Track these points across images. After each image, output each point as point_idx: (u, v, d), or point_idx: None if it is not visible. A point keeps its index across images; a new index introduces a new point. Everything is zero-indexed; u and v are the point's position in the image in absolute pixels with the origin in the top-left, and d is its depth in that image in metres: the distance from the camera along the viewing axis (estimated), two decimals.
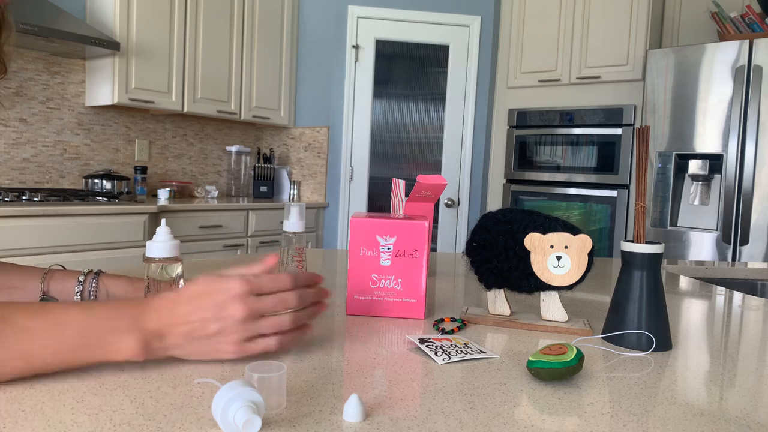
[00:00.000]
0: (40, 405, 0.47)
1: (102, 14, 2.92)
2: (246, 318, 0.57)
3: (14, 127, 2.83)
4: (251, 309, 0.57)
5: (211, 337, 0.56)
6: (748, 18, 3.04)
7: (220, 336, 0.56)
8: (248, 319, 0.57)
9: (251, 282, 0.58)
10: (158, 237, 0.65)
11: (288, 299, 0.59)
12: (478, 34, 3.74)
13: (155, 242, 0.65)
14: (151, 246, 0.65)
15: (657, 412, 0.51)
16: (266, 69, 3.68)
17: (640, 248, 0.70)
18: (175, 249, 0.66)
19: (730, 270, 1.58)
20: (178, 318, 0.56)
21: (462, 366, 0.61)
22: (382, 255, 0.79)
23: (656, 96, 2.99)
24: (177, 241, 0.66)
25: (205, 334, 0.56)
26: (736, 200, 2.78)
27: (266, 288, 0.59)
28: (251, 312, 0.57)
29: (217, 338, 0.56)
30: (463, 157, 3.80)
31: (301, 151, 3.94)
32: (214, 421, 0.45)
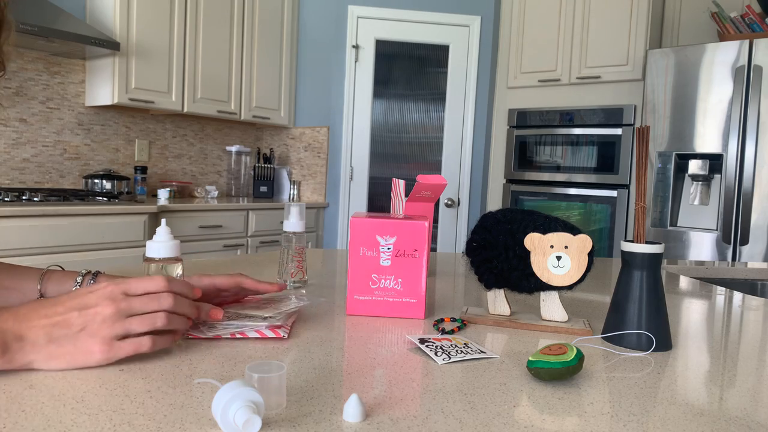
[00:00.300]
0: (40, 405, 0.47)
1: (102, 14, 2.92)
2: (114, 314, 0.53)
3: (14, 127, 2.83)
4: (119, 306, 0.53)
5: (75, 334, 0.52)
6: (748, 18, 3.04)
7: (85, 333, 0.52)
8: (116, 316, 0.53)
9: (121, 283, 0.55)
10: (158, 237, 0.65)
11: (161, 298, 0.56)
12: (478, 34, 3.74)
13: (155, 242, 0.65)
14: (151, 246, 0.64)
15: (657, 412, 0.51)
16: (266, 69, 3.68)
17: (640, 248, 0.70)
18: (175, 249, 0.65)
19: (730, 270, 1.58)
20: (39, 315, 0.52)
21: (462, 366, 0.61)
22: (382, 255, 0.79)
23: (656, 96, 2.99)
24: (177, 241, 0.66)
25: (68, 331, 0.52)
26: (736, 200, 2.78)
27: (136, 289, 0.56)
28: (119, 309, 0.53)
29: (82, 336, 0.52)
30: (463, 157, 3.80)
31: (301, 151, 3.94)
32: (214, 421, 0.45)
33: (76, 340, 0.52)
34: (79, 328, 0.52)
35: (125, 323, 0.54)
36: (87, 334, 0.52)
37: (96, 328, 0.52)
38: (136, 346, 0.55)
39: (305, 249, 1.05)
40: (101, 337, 0.52)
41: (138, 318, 0.55)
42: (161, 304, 0.56)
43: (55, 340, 0.52)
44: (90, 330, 0.52)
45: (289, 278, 0.99)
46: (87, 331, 0.52)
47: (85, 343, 0.52)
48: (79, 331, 0.52)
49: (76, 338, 0.52)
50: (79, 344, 0.52)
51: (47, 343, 0.51)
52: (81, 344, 0.52)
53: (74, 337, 0.52)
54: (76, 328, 0.52)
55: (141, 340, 0.55)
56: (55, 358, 0.52)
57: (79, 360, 0.53)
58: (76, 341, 0.52)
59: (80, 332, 0.52)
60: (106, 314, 0.53)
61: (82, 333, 0.52)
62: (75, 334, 0.52)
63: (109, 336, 0.53)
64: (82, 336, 0.52)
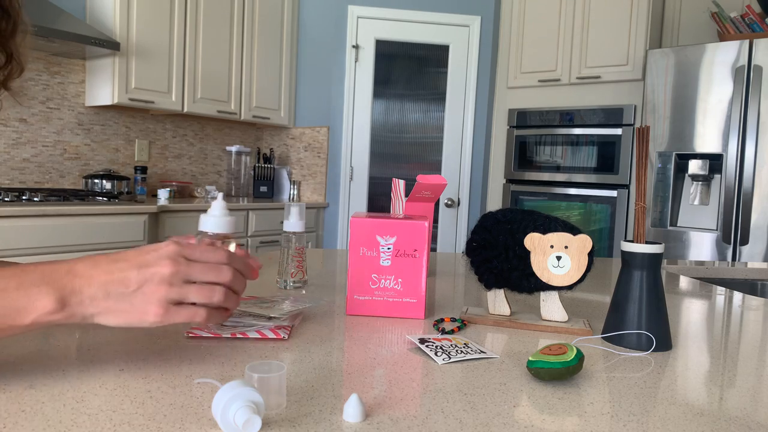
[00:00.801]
0: (40, 405, 0.47)
1: (102, 14, 2.92)
2: (173, 276, 0.52)
3: (14, 127, 2.83)
4: (179, 269, 0.53)
5: (132, 292, 0.51)
6: (748, 18, 3.04)
7: (141, 293, 0.51)
8: (175, 279, 0.52)
9: (184, 245, 0.55)
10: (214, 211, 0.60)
11: (221, 271, 0.55)
12: (478, 34, 3.74)
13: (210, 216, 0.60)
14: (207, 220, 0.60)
15: (657, 412, 0.51)
16: (266, 69, 3.68)
17: (640, 248, 0.70)
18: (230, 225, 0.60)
19: (730, 270, 1.58)
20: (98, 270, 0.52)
21: (462, 366, 0.61)
22: (382, 255, 0.79)
23: (656, 96, 2.99)
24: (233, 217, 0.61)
25: (125, 289, 0.51)
26: (736, 200, 2.78)
27: (199, 256, 0.55)
28: (179, 272, 0.53)
29: (139, 295, 0.52)
30: (463, 157, 3.80)
31: (301, 151, 3.94)
32: (214, 421, 0.45)
33: (133, 299, 0.51)
34: (136, 286, 0.51)
35: (182, 289, 0.53)
36: (143, 294, 0.52)
37: (153, 289, 0.52)
38: (191, 314, 0.54)
39: (305, 249, 1.05)
40: (157, 298, 0.52)
41: (196, 287, 0.54)
42: (219, 276, 0.55)
43: (113, 297, 0.51)
44: (147, 290, 0.52)
45: (289, 278, 0.99)
46: (144, 290, 0.52)
47: (141, 303, 0.52)
48: (136, 289, 0.51)
49: (133, 296, 0.51)
50: (136, 303, 0.52)
51: (105, 298, 0.51)
52: (137, 303, 0.52)
53: (131, 296, 0.51)
54: (134, 286, 0.51)
55: (197, 310, 0.54)
56: (112, 313, 0.52)
57: (134, 319, 0.52)
58: (132, 299, 0.51)
59: (137, 291, 0.51)
60: (164, 274, 0.52)
61: (139, 292, 0.51)
62: (132, 292, 0.51)
63: (164, 298, 0.52)
64: (138, 295, 0.52)
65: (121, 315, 0.52)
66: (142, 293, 0.52)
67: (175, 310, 0.53)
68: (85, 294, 0.51)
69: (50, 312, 0.49)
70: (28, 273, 0.51)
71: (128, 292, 0.51)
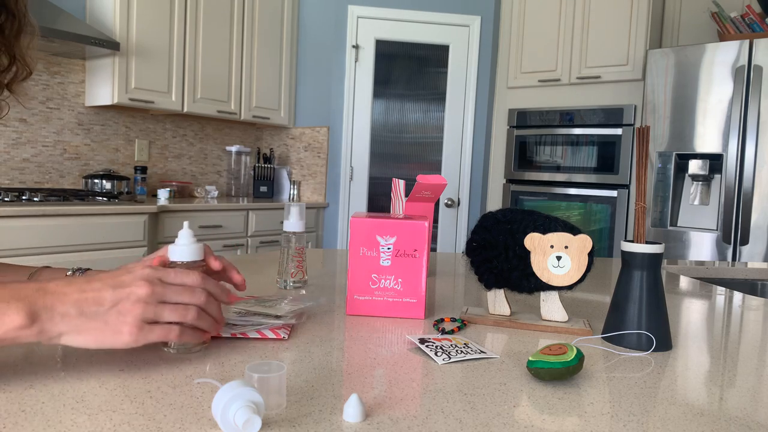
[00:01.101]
0: (40, 405, 0.47)
1: (102, 14, 2.92)
2: (148, 296, 0.52)
3: (14, 127, 2.83)
4: (155, 290, 0.53)
5: (106, 311, 0.51)
6: (748, 18, 3.04)
7: (116, 311, 0.51)
8: (150, 299, 0.52)
9: (159, 268, 0.55)
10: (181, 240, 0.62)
11: (195, 292, 0.56)
12: (478, 34, 3.74)
13: (178, 246, 0.61)
14: (174, 250, 0.61)
15: (657, 412, 0.51)
16: (266, 69, 3.68)
17: (640, 248, 0.70)
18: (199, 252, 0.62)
19: (730, 270, 1.58)
20: (71, 288, 0.51)
21: (462, 366, 0.61)
22: (382, 255, 0.79)
23: (656, 96, 2.99)
24: (201, 244, 0.63)
25: (99, 307, 0.51)
26: (736, 200, 2.78)
27: (174, 278, 0.55)
28: (154, 293, 0.53)
29: (113, 314, 0.51)
30: (463, 157, 3.80)
31: (301, 151, 3.94)
32: (214, 421, 0.45)
33: (107, 317, 0.51)
34: (110, 305, 0.51)
35: (157, 308, 0.53)
36: (118, 313, 0.51)
37: (128, 308, 0.51)
38: (165, 332, 0.53)
39: (305, 249, 1.05)
40: (132, 316, 0.51)
41: (170, 306, 0.54)
42: (193, 298, 0.55)
43: (86, 315, 0.50)
44: (121, 308, 0.51)
45: (289, 278, 0.99)
46: (118, 308, 0.51)
47: (115, 322, 0.51)
48: (110, 308, 0.51)
49: (106, 315, 0.51)
50: (110, 321, 0.51)
51: (78, 315, 0.50)
52: (111, 322, 0.51)
53: (105, 314, 0.51)
54: (108, 305, 0.51)
55: (170, 327, 0.54)
56: (84, 332, 0.51)
57: (107, 338, 0.51)
58: (106, 318, 0.51)
59: (111, 309, 0.51)
60: (140, 294, 0.52)
61: (113, 310, 0.51)
62: (106, 311, 0.51)
63: (139, 317, 0.52)
64: (112, 313, 0.51)
65: (92, 333, 0.51)
66: (117, 312, 0.51)
67: (149, 328, 0.52)
68: (56, 311, 0.49)
69: (18, 327, 0.48)
70: (3, 288, 0.49)
71: (102, 310, 0.51)
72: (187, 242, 0.62)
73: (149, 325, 0.52)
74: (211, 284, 0.58)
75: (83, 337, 0.51)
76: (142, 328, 0.52)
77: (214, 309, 0.58)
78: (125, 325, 0.51)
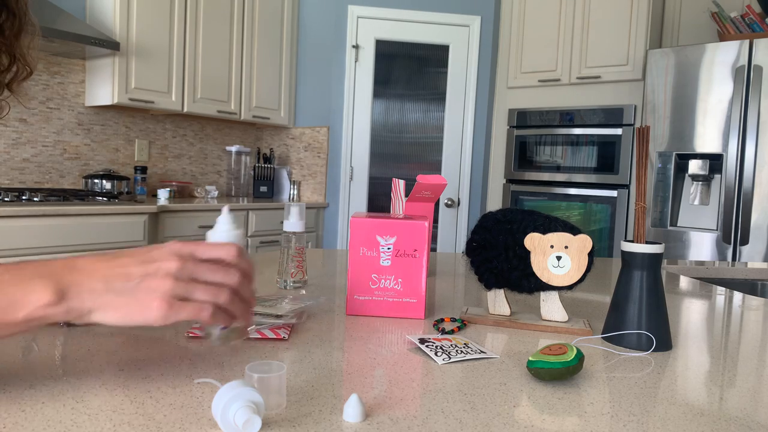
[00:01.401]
0: (40, 405, 0.47)
1: (102, 14, 2.92)
2: (178, 270, 0.49)
3: (14, 127, 2.83)
4: (186, 265, 0.49)
5: (135, 285, 0.48)
6: (748, 18, 3.04)
7: (144, 286, 0.48)
8: (181, 274, 0.49)
9: (191, 242, 0.52)
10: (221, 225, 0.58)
11: (229, 272, 0.52)
12: (478, 34, 3.74)
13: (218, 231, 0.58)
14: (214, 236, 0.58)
15: (657, 412, 0.51)
16: (266, 69, 3.68)
17: (640, 248, 0.70)
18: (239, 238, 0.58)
19: (730, 270, 1.58)
20: (99, 265, 0.48)
21: (462, 366, 0.61)
22: (382, 255, 0.79)
23: (656, 96, 2.99)
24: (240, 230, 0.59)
25: (128, 283, 0.48)
26: (736, 200, 2.78)
27: (207, 252, 0.52)
28: (185, 268, 0.49)
29: (142, 288, 0.48)
30: (463, 157, 3.80)
31: (301, 151, 3.94)
32: (214, 421, 0.45)
33: (136, 292, 0.48)
34: (139, 279, 0.48)
35: (188, 285, 0.49)
36: (146, 288, 0.48)
37: (157, 283, 0.48)
38: (197, 310, 0.49)
39: (305, 249, 1.05)
40: (161, 292, 0.48)
41: (202, 285, 0.50)
42: (226, 278, 0.51)
43: (114, 291, 0.48)
44: (150, 283, 0.48)
45: (289, 278, 0.99)
46: (147, 283, 0.48)
47: (144, 297, 0.48)
48: (138, 282, 0.48)
49: (135, 290, 0.48)
50: (139, 297, 0.48)
51: (106, 291, 0.48)
52: (140, 297, 0.48)
53: (134, 289, 0.48)
54: (136, 279, 0.48)
55: (202, 306, 0.49)
56: (112, 309, 0.48)
57: (136, 315, 0.48)
58: (135, 293, 0.48)
59: (140, 284, 0.48)
60: (169, 269, 0.49)
61: (142, 285, 0.48)
62: (135, 285, 0.48)
63: (169, 293, 0.48)
64: (141, 288, 0.48)
65: (121, 310, 0.48)
66: (146, 286, 0.48)
67: (180, 305, 0.49)
68: (84, 287, 0.47)
69: (46, 305, 0.46)
70: (23, 267, 0.48)
71: (130, 286, 0.48)
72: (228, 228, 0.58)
73: (180, 302, 0.49)
74: (246, 262, 0.54)
75: (112, 314, 0.48)
76: (172, 304, 0.48)
77: (247, 291, 0.54)
78: (154, 301, 0.48)
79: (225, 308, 0.51)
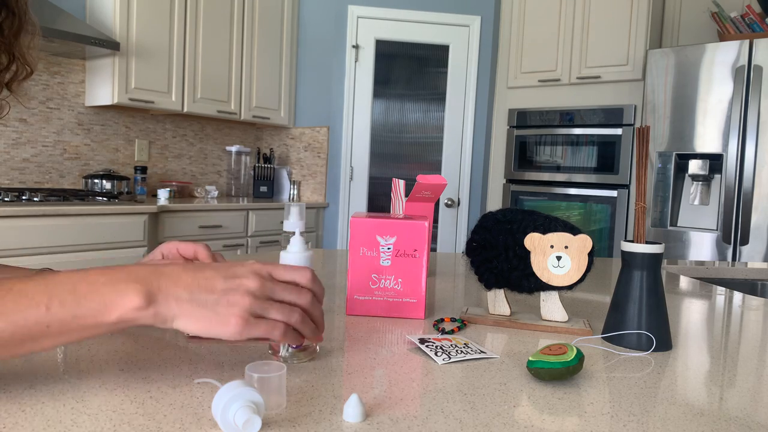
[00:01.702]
0: (40, 405, 0.47)
1: (102, 14, 2.92)
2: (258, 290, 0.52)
3: (14, 127, 2.83)
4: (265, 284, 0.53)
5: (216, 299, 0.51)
6: (748, 18, 3.04)
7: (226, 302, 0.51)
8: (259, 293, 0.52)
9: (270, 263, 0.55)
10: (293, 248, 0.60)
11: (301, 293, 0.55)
12: (478, 34, 3.74)
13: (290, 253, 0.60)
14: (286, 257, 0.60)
15: (657, 412, 0.51)
16: (266, 69, 3.68)
17: (640, 248, 0.70)
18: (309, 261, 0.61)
19: (730, 270, 1.58)
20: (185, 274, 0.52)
21: (462, 366, 0.61)
22: (382, 255, 0.79)
23: (656, 96, 2.99)
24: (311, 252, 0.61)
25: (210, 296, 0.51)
26: (736, 200, 2.78)
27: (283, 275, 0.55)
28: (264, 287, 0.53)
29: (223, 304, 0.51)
30: (463, 157, 3.80)
31: (301, 151, 3.94)
32: (214, 421, 0.45)
33: (217, 306, 0.51)
34: (221, 294, 0.51)
35: (264, 303, 0.52)
36: (227, 302, 0.51)
37: (237, 299, 0.51)
38: (270, 328, 0.52)
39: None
40: (240, 308, 0.51)
41: (277, 304, 0.53)
42: (300, 299, 0.54)
43: (197, 301, 0.50)
44: (231, 299, 0.51)
45: None
46: (228, 299, 0.51)
47: (224, 312, 0.50)
48: (219, 297, 0.51)
49: (216, 304, 0.51)
50: (219, 310, 0.51)
51: (189, 301, 0.50)
52: (220, 312, 0.50)
53: (215, 303, 0.51)
54: (218, 294, 0.51)
55: (275, 324, 0.52)
56: (194, 318, 0.50)
57: (214, 327, 0.50)
58: (216, 307, 0.51)
59: (221, 298, 0.51)
60: (249, 287, 0.51)
61: (223, 300, 0.51)
62: (216, 300, 0.51)
63: (247, 310, 0.51)
64: (222, 303, 0.51)
65: (202, 321, 0.50)
66: (227, 302, 0.51)
67: (255, 322, 0.51)
68: (171, 293, 0.50)
69: (137, 308, 0.48)
70: (116, 270, 0.50)
71: (212, 299, 0.51)
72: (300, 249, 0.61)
73: (255, 319, 0.51)
74: (318, 286, 0.57)
75: (193, 324, 0.50)
76: (248, 321, 0.51)
77: (317, 313, 0.56)
78: (233, 317, 0.50)
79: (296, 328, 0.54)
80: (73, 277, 0.49)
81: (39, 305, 0.47)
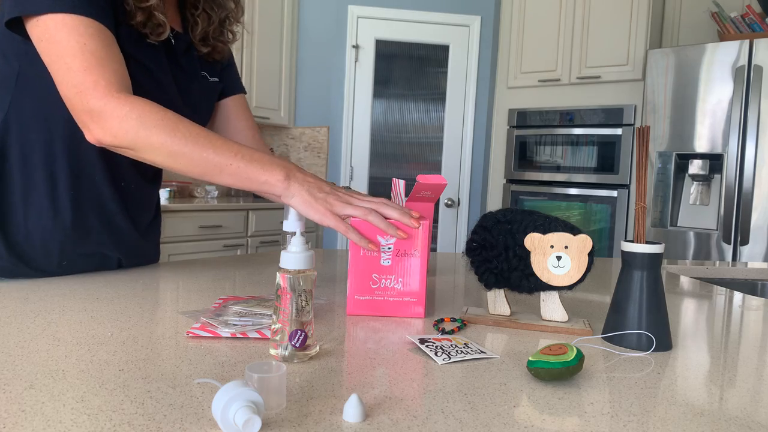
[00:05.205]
0: (40, 405, 0.47)
1: None
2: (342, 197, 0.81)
3: None
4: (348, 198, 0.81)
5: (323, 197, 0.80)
6: (748, 18, 3.04)
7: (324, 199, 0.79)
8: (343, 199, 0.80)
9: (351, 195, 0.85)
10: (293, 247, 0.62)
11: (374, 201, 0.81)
12: (478, 34, 3.74)
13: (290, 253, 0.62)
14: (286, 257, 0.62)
15: (657, 412, 0.51)
16: (266, 69, 3.68)
17: (640, 248, 0.70)
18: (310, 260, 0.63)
19: (730, 270, 1.58)
20: (307, 175, 0.83)
21: (462, 366, 0.61)
22: (383, 255, 0.79)
23: (656, 96, 2.99)
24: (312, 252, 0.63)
25: (319, 192, 0.80)
26: (736, 200, 2.78)
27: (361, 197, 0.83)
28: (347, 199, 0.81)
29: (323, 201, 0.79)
30: (463, 157, 3.80)
31: (301, 151, 3.94)
32: (214, 421, 0.45)
33: (321, 201, 0.79)
34: (326, 194, 0.80)
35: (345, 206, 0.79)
36: (325, 200, 0.79)
37: (333, 200, 0.79)
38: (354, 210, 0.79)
39: None
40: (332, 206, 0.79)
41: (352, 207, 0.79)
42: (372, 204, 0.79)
43: (311, 193, 0.80)
44: (329, 199, 0.79)
45: None
46: (327, 199, 0.79)
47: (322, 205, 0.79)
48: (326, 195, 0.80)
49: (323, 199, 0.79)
50: (322, 198, 0.80)
51: (308, 191, 0.80)
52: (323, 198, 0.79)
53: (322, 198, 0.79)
54: (324, 194, 0.80)
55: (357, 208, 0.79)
56: (304, 203, 0.80)
57: (317, 206, 0.79)
58: (319, 202, 0.79)
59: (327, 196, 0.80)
60: (339, 195, 0.81)
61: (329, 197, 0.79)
62: (323, 196, 0.80)
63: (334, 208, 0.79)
64: (327, 199, 0.79)
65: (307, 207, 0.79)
66: (325, 199, 0.79)
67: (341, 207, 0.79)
68: (299, 180, 0.81)
69: (279, 180, 0.80)
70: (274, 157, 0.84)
71: (320, 195, 0.80)
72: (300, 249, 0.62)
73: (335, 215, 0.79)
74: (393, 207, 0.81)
75: (303, 206, 0.80)
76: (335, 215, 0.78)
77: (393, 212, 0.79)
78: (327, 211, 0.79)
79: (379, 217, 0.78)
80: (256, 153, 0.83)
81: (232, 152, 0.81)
